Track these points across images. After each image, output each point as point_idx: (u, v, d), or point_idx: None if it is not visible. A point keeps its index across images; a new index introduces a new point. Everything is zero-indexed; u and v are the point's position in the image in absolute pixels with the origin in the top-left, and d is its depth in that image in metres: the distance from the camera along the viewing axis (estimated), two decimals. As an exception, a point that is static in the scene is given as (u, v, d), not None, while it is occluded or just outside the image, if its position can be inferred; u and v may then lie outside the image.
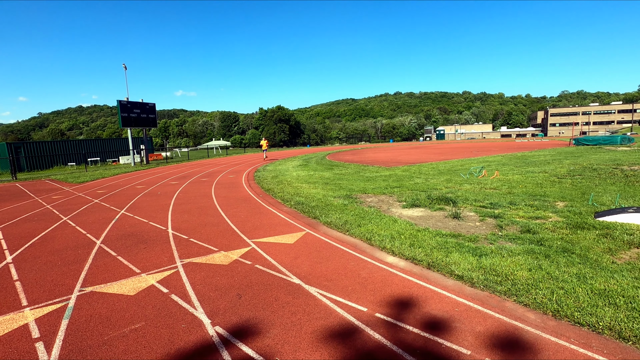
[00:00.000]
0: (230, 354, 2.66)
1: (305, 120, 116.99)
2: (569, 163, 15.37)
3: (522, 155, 21.38)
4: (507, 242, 4.98)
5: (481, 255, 4.39)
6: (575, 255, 4.33)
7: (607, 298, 3.20)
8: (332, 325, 3.02)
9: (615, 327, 2.78)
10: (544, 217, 6.27)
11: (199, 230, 6.47)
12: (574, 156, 19.12)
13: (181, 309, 3.41)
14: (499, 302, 3.33)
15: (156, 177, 17.27)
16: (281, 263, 4.58)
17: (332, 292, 3.66)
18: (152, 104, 28.34)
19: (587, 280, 3.58)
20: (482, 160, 18.88)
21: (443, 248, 4.75)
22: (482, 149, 31.74)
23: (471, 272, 3.92)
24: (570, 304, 3.13)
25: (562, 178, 10.94)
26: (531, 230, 5.44)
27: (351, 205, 7.94)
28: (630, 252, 4.43)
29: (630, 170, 12.15)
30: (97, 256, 5.16)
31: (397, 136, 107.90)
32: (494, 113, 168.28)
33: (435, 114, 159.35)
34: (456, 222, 6.21)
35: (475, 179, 11.46)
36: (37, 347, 2.85)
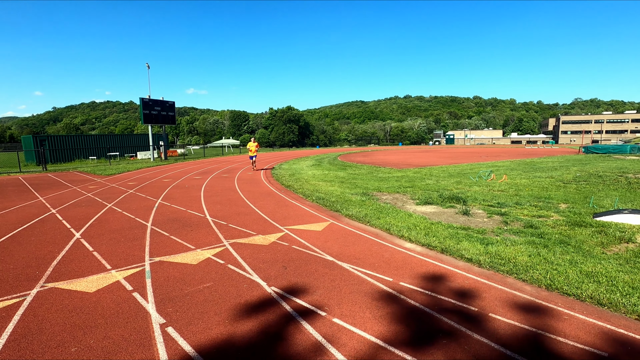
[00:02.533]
0: (288, 304, 3.41)
1: (315, 122, 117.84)
2: (576, 170, 15.88)
3: (530, 162, 21.86)
4: (511, 234, 5.66)
5: (488, 244, 5.08)
6: (571, 246, 5.00)
7: (592, 277, 3.88)
8: (365, 289, 3.75)
9: (595, 296, 3.46)
10: (546, 216, 6.92)
11: (235, 218, 7.25)
12: (582, 163, 19.56)
13: (239, 275, 4.18)
14: (501, 278, 4.03)
15: (179, 172, 18.19)
16: (314, 245, 5.33)
17: (361, 267, 4.39)
18: (171, 102, 29.41)
19: (577, 264, 4.26)
20: (491, 165, 19.43)
21: (454, 237, 5.45)
22: (491, 154, 32.17)
23: (479, 256, 4.62)
24: (561, 281, 3.81)
25: (568, 183, 11.52)
26: (533, 225, 6.11)
27: (369, 201, 8.66)
28: (620, 246, 5.07)
29: (635, 177, 12.66)
30: (153, 235, 5.97)
31: (406, 139, 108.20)
32: (504, 119, 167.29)
33: (445, 119, 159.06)
34: (466, 218, 6.90)
35: (484, 182, 12.08)
36: (134, 295, 3.63)
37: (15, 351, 2.70)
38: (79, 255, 4.96)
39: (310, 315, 3.20)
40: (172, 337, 2.86)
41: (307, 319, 3.12)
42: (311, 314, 3.22)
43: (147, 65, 28.83)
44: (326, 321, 3.09)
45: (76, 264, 4.61)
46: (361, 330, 2.93)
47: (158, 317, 3.18)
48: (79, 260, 4.75)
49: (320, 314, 3.23)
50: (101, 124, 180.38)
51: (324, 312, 3.26)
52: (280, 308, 3.35)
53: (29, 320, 3.16)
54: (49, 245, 5.47)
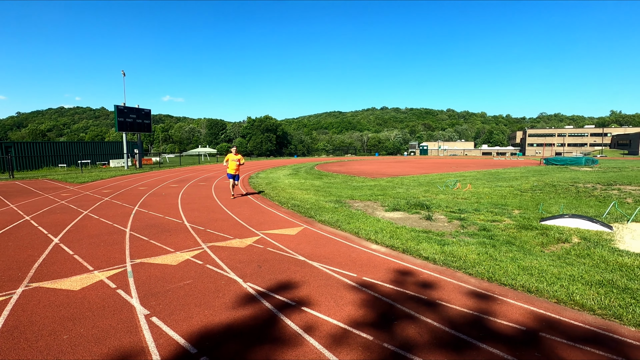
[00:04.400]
0: (262, 297, 3.81)
1: (292, 131, 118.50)
2: (534, 180, 17.11)
3: (495, 172, 23.21)
4: (466, 236, 6.29)
5: (444, 244, 5.67)
6: (515, 246, 5.67)
7: (527, 271, 4.50)
8: (332, 284, 4.20)
9: (526, 285, 4.06)
10: (499, 220, 7.65)
11: (212, 223, 7.55)
12: (540, 174, 21.00)
13: (217, 273, 4.53)
14: (452, 272, 4.59)
15: (155, 180, 18.11)
16: (287, 247, 5.74)
17: (330, 265, 4.85)
18: (147, 110, 29.15)
19: (517, 260, 4.89)
20: (459, 175, 20.52)
21: (415, 239, 6.01)
22: (461, 165, 33.71)
23: (435, 255, 5.18)
24: (501, 274, 4.41)
25: (525, 192, 12.51)
26: (486, 229, 6.79)
27: (341, 208, 9.17)
28: (557, 246, 5.79)
29: (583, 187, 13.88)
30: (132, 240, 6.20)
31: (383, 150, 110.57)
32: (476, 131, 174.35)
33: (420, 130, 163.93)
34: (428, 222, 7.52)
35: (450, 191, 12.90)
36: (118, 292, 3.92)
37: (9, 340, 2.96)
38: (60, 258, 5.14)
39: (282, 304, 3.62)
40: (157, 324, 3.20)
41: (279, 308, 3.53)
42: (283, 304, 3.63)
43: (123, 73, 28.53)
44: (296, 309, 3.51)
45: (58, 266, 4.81)
46: (329, 317, 3.37)
47: (142, 309, 3.50)
48: (60, 263, 4.94)
49: (290, 303, 3.64)
50: (70, 130, 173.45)
51: (294, 302, 3.68)
52: (255, 300, 3.74)
53: (19, 315, 3.40)
54: (27, 250, 5.60)
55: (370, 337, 3.00)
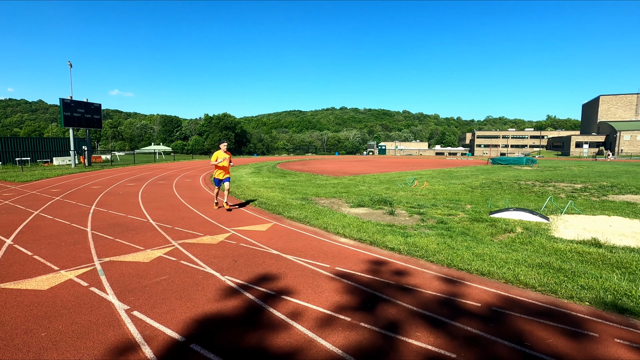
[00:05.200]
0: (242, 288, 3.94)
1: (252, 129, 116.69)
2: (483, 178, 18.54)
3: (448, 171, 24.75)
4: (426, 229, 6.82)
5: (407, 236, 6.12)
6: (469, 236, 6.26)
7: (479, 257, 5.04)
8: (307, 274, 4.43)
9: (479, 269, 4.57)
10: (454, 214, 8.32)
11: (179, 221, 7.45)
12: (488, 172, 22.76)
13: (193, 268, 4.57)
14: (415, 260, 5.02)
15: (108, 179, 17.15)
16: (260, 242, 5.88)
17: (303, 257, 5.07)
18: (97, 105, 27.31)
19: (471, 248, 5.44)
20: (416, 174, 21.64)
21: (381, 232, 6.42)
22: (417, 164, 35.42)
23: (399, 245, 5.60)
24: (458, 260, 4.90)
25: (475, 189, 13.58)
26: (444, 222, 7.38)
27: (308, 205, 9.42)
28: (504, 235, 6.47)
29: (525, 184, 15.34)
30: (96, 239, 5.98)
31: (342, 149, 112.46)
32: (430, 132, 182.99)
33: (378, 130, 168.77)
34: (391, 217, 8.00)
35: (408, 188, 13.65)
36: (92, 290, 3.85)
37: (-19, 341, 2.85)
38: (18, 259, 4.87)
39: (264, 295, 3.78)
40: (140, 318, 3.23)
41: (262, 299, 3.70)
42: (265, 294, 3.80)
43: (70, 64, 26.47)
44: (278, 299, 3.70)
45: (18, 267, 4.57)
46: (311, 304, 3.60)
47: (121, 305, 3.49)
48: (20, 264, 4.69)
49: (272, 293, 3.82)
50: (1, 125, 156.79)
51: (275, 292, 3.86)
52: (237, 292, 3.87)
53: (-15, 316, 3.25)
54: (-23, 252, 5.21)
55: (354, 320, 3.27)
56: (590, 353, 2.77)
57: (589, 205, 9.80)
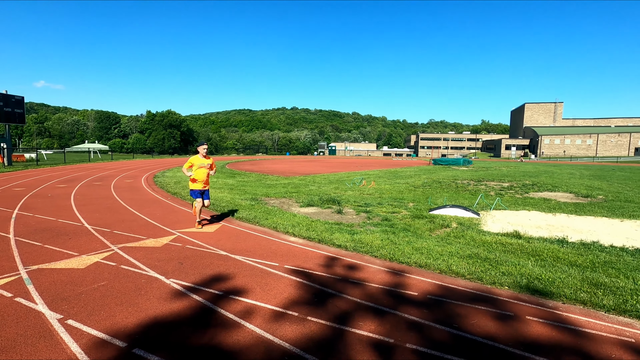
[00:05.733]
0: (188, 290, 3.88)
1: (199, 128, 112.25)
2: (425, 177, 19.78)
3: (394, 171, 25.99)
4: (371, 226, 7.16)
5: (354, 234, 6.40)
6: (410, 232, 6.71)
7: (418, 251, 5.44)
8: (256, 273, 4.47)
9: (418, 262, 4.94)
10: (398, 212, 8.83)
11: (119, 225, 7.03)
12: (429, 172, 24.31)
13: (135, 272, 4.38)
14: (360, 256, 5.28)
15: (34, 180, 15.50)
16: (207, 243, 5.78)
17: (252, 257, 5.10)
18: (19, 97, 24.44)
19: (411, 243, 5.84)
20: (364, 174, 22.43)
21: (329, 231, 6.63)
22: (365, 165, 36.66)
23: (346, 242, 5.84)
24: (399, 254, 5.25)
25: (417, 188, 14.45)
26: (388, 219, 7.81)
27: (257, 205, 9.38)
28: (441, 230, 7.03)
29: (461, 183, 16.65)
30: (20, 246, 5.44)
31: (293, 149, 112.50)
32: (378, 134, 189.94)
33: (329, 131, 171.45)
34: (340, 216, 8.28)
35: (356, 187, 14.14)
36: (18, 300, 3.54)
37: None
38: None
39: (213, 296, 3.76)
40: (75, 326, 3.05)
41: (210, 300, 3.67)
42: (213, 295, 3.77)
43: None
44: (227, 299, 3.70)
45: None
46: (261, 302, 3.65)
47: (53, 314, 3.27)
48: None
49: (220, 294, 3.81)
50: None
51: (223, 292, 3.85)
52: (183, 294, 3.79)
53: None
54: None
55: (303, 315, 3.39)
56: (507, 330, 3.18)
57: (513, 202, 10.95)
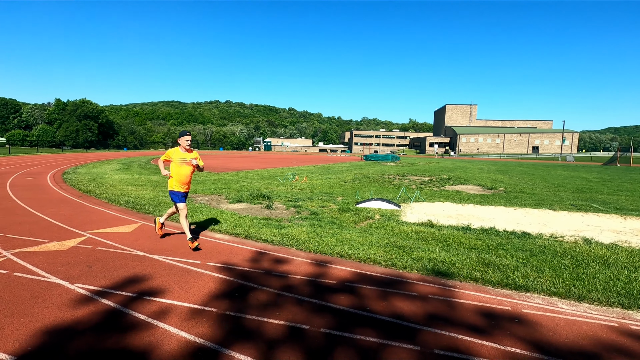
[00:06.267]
0: (98, 295, 3.60)
1: (120, 120, 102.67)
2: (356, 172, 20.66)
3: (327, 166, 26.68)
4: (299, 220, 7.32)
5: (281, 228, 6.48)
6: (336, 224, 7.00)
7: (342, 242, 5.71)
8: (175, 272, 4.31)
9: (340, 253, 5.20)
10: (326, 206, 9.13)
11: (15, 227, 6.20)
12: (360, 168, 25.45)
13: (31, 279, 3.93)
14: (287, 250, 5.39)
15: None
16: (123, 244, 5.39)
17: (173, 256, 4.89)
18: None
19: (336, 235, 6.11)
20: (297, 169, 22.65)
21: (257, 226, 6.62)
22: (300, 160, 37.02)
23: (273, 237, 5.90)
24: (323, 246, 5.47)
25: (347, 182, 15.05)
26: (316, 213, 8.04)
27: (183, 202, 8.96)
28: (365, 222, 7.45)
29: (388, 177, 17.75)
30: None
31: (228, 144, 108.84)
32: (314, 130, 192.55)
33: (264, 126, 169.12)
34: (269, 211, 8.30)
35: (289, 183, 14.26)
36: None
37: None
38: None
39: (125, 299, 3.54)
40: (-51, 344, 2.66)
41: (121, 303, 3.45)
42: (126, 298, 3.55)
43: None
44: (141, 301, 3.51)
45: None
46: (177, 301, 3.53)
47: None
48: None
49: (133, 296, 3.60)
50: None
51: (137, 294, 3.65)
52: (90, 300, 3.51)
53: None
54: None
55: (221, 310, 3.36)
56: (411, 308, 3.53)
57: (431, 194, 12.01)
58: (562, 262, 4.92)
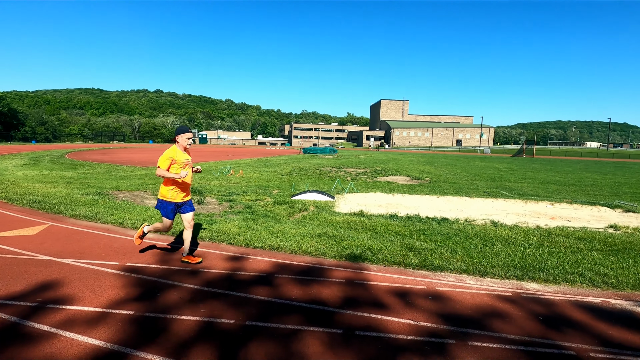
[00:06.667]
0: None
1: (28, 108, 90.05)
2: (294, 165, 20.71)
3: (265, 160, 26.35)
4: (232, 215, 7.14)
5: (212, 223, 6.26)
6: (270, 217, 6.96)
7: (274, 234, 5.70)
8: (87, 276, 3.93)
9: (272, 245, 5.19)
10: (262, 199, 9.03)
11: None
12: (299, 161, 25.56)
13: None
14: (217, 245, 5.22)
15: None
16: (25, 249, 4.76)
17: (86, 259, 4.46)
18: None
19: (269, 228, 6.08)
20: (234, 163, 22.03)
21: (186, 222, 6.31)
22: (238, 154, 36.02)
23: (202, 233, 5.68)
24: (255, 240, 5.40)
25: (285, 175, 15.03)
26: (250, 207, 7.91)
27: (102, 200, 8.19)
28: (299, 214, 7.51)
29: (324, 170, 18.09)
30: None
31: (159, 137, 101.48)
32: (252, 122, 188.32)
33: (199, 118, 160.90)
34: (200, 206, 7.96)
35: (224, 177, 13.80)
36: None
37: None
38: None
39: (19, 310, 3.13)
40: None
41: (18, 315, 3.06)
42: (20, 309, 3.14)
43: None
44: (42, 310, 3.14)
45: None
46: (85, 307, 3.21)
47: None
48: None
49: (32, 305, 3.21)
50: None
51: (36, 303, 3.26)
52: (-27, 313, 3.05)
53: None
54: None
55: (131, 312, 3.15)
56: (335, 293, 3.66)
57: (364, 185, 12.52)
58: (472, 243, 5.48)
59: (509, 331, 3.04)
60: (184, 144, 4.42)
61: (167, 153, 4.28)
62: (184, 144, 4.41)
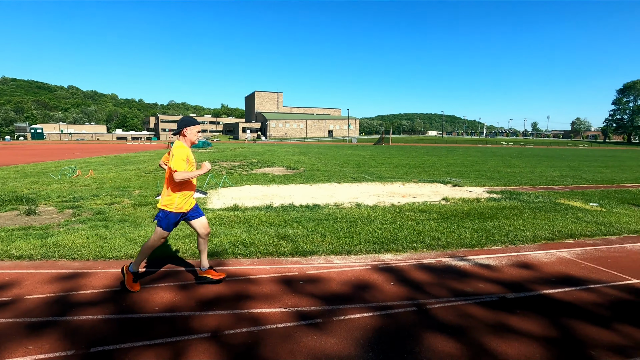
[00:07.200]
0: None
1: None
2: (160, 161, 18.72)
3: (125, 156, 23.08)
4: (77, 224, 5.97)
5: (47, 237, 5.09)
6: (127, 222, 6.08)
7: (133, 241, 4.98)
8: None
9: (130, 253, 4.53)
10: (118, 202, 7.83)
11: None
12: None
13: None
14: (52, 263, 4.26)
15: None
16: None
17: None
18: None
19: (127, 234, 5.29)
20: (83, 161, 18.57)
21: (6, 240, 4.97)
22: (88, 151, 30.53)
23: (31, 250, 4.55)
24: (107, 250, 4.62)
25: (149, 173, 13.43)
26: (102, 212, 6.76)
27: None
28: (166, 214, 6.79)
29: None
30: None
31: (-33, 133, 77.69)
32: (108, 114, 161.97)
33: (32, 108, 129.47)
34: (30, 217, 6.40)
35: (67, 179, 11.47)
36: None
37: None
38: None
39: None
40: None
41: None
42: None
43: None
44: None
45: None
46: None
47: None
48: None
49: None
50: None
51: None
52: None
53: None
54: None
55: None
56: (189, 295, 3.43)
57: (240, 179, 12.22)
58: (339, 225, 5.93)
59: (369, 299, 3.38)
60: (192, 139, 3.58)
61: (180, 153, 3.37)
62: (192, 138, 3.57)
